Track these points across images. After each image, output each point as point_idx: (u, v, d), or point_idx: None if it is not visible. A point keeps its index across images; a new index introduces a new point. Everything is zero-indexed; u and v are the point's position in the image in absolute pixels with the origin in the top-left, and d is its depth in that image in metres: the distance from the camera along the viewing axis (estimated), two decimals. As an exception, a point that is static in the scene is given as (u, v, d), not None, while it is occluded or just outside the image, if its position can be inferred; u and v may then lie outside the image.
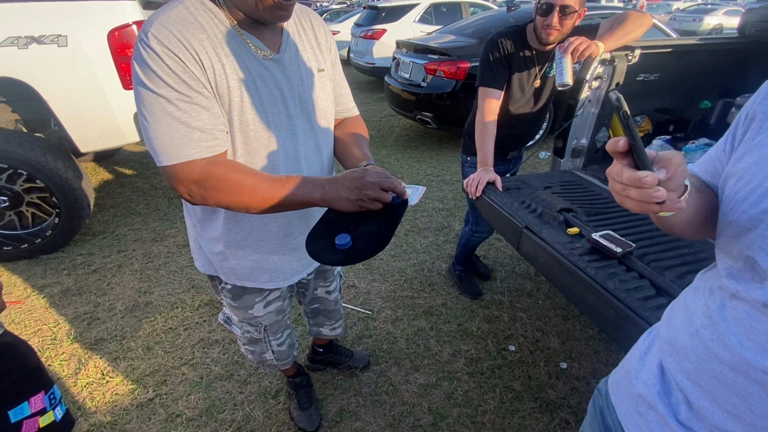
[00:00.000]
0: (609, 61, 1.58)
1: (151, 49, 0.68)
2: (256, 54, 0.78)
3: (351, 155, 0.98)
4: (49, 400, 0.93)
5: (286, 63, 0.82)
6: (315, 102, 0.89)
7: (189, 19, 0.71)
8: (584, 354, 1.82)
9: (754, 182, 0.45)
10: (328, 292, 1.33)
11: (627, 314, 0.89)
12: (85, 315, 2.01)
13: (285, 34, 0.83)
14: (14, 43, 1.95)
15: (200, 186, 0.74)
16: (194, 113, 0.71)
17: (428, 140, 4.70)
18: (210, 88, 0.73)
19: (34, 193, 2.31)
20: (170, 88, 0.69)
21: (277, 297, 1.14)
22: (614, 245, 1.06)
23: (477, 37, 4.10)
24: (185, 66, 0.69)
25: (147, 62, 0.68)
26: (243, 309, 1.11)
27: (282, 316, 1.19)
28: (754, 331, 0.43)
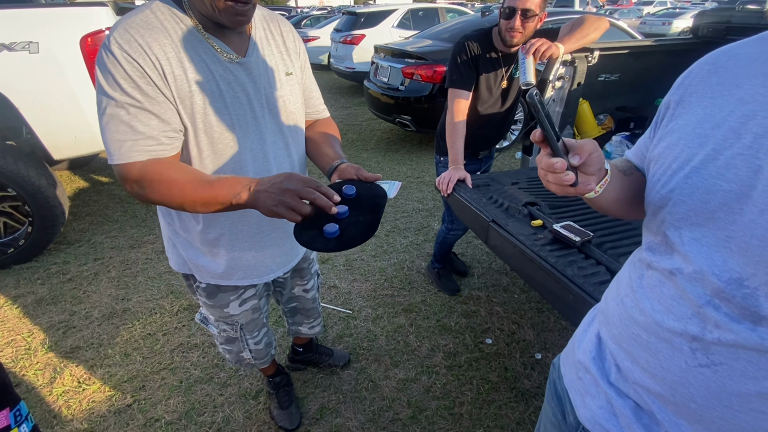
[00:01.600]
0: (570, 62, 1.66)
1: (112, 53, 0.71)
2: (220, 57, 0.80)
3: (323, 154, 1.00)
4: (14, 417, 0.92)
5: (252, 66, 0.84)
6: (283, 104, 0.91)
7: (154, 24, 0.73)
8: (558, 344, 1.89)
9: (665, 165, 0.50)
10: (305, 291, 1.35)
11: (584, 298, 0.95)
12: (60, 324, 1.97)
13: (252, 39, 0.85)
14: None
15: (139, 185, 0.76)
16: (143, 118, 0.74)
17: (408, 143, 4.77)
18: (170, 94, 0.75)
19: (5, 201, 2.26)
20: (123, 92, 0.72)
21: (252, 295, 1.15)
22: (574, 235, 1.13)
23: (453, 41, 4.17)
24: (143, 71, 0.72)
25: (106, 66, 0.71)
26: (218, 308, 1.12)
27: (258, 315, 1.20)
28: (663, 296, 0.48)
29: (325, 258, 2.52)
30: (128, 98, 0.72)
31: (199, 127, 0.80)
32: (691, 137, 0.47)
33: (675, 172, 0.48)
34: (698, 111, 0.48)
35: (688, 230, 0.46)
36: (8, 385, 0.94)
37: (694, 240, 0.45)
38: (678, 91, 0.53)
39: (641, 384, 0.51)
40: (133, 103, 0.73)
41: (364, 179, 0.90)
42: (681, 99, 0.52)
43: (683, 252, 0.46)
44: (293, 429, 1.46)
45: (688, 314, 0.46)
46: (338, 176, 0.93)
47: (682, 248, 0.47)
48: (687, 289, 0.46)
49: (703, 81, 0.50)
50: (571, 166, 0.50)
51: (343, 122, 5.62)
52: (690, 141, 0.47)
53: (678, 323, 0.46)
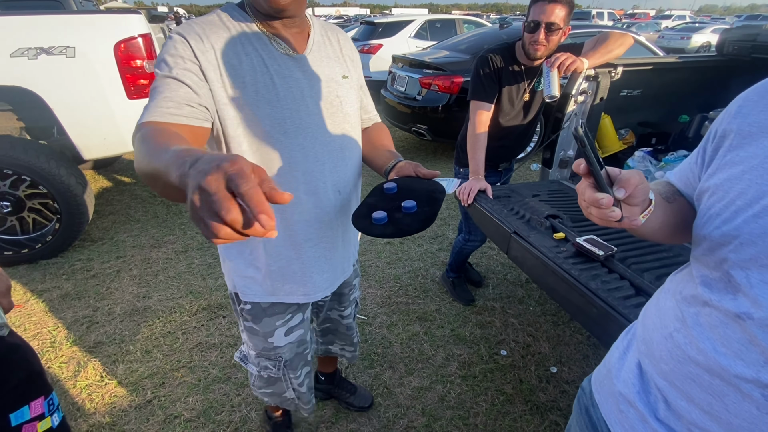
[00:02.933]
0: (593, 77, 1.67)
1: (170, 38, 0.75)
2: (277, 50, 0.81)
3: (379, 155, 1.02)
4: (47, 406, 0.94)
5: (309, 63, 0.85)
6: (339, 104, 0.90)
7: (216, 22, 0.78)
8: (574, 358, 1.87)
9: (726, 200, 0.47)
10: (341, 316, 1.27)
11: (608, 312, 0.95)
12: (84, 319, 2.03)
13: (312, 40, 0.87)
14: (24, 53, 2.02)
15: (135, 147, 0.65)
16: (175, 86, 0.73)
17: (423, 151, 4.80)
18: (218, 80, 0.76)
19: (36, 198, 2.35)
20: (169, 67, 0.73)
21: (299, 323, 1.08)
22: (597, 249, 1.13)
23: (470, 52, 4.24)
24: (192, 52, 0.73)
25: (163, 49, 0.75)
26: (262, 336, 1.04)
27: (303, 349, 1.12)
28: (728, 338, 0.46)
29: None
30: (170, 72, 0.73)
31: (250, 118, 0.80)
32: (760, 172, 0.45)
33: (740, 210, 0.45)
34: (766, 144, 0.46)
35: (757, 272, 0.43)
36: (43, 373, 0.97)
37: (765, 283, 0.42)
38: (735, 120, 0.50)
39: (700, 426, 0.49)
40: (172, 75, 0.73)
41: (422, 176, 0.93)
42: (740, 129, 0.49)
43: (752, 295, 0.43)
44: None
45: (760, 361, 0.43)
46: (396, 174, 0.95)
47: (750, 291, 0.44)
48: (758, 335, 0.43)
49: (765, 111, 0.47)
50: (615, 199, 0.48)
51: (359, 130, 5.68)
52: (759, 177, 0.44)
53: (748, 370, 0.44)
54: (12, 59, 1.99)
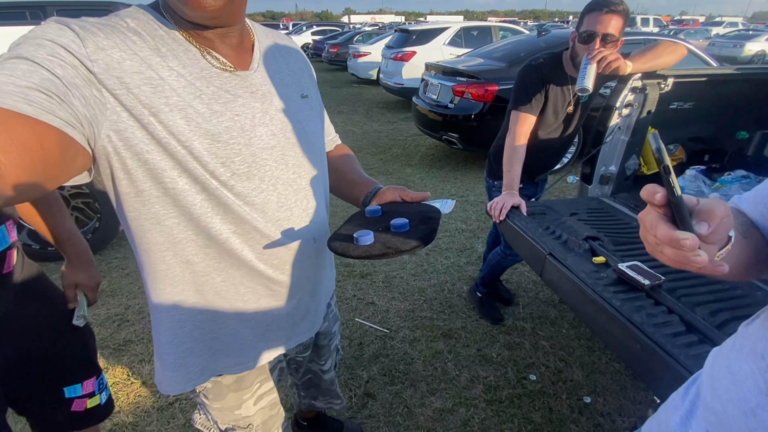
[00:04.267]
0: (641, 89, 1.56)
1: (54, 23, 0.50)
2: (213, 67, 0.61)
3: (352, 183, 0.88)
4: (98, 385, 1.05)
5: (258, 82, 0.66)
6: (302, 131, 0.72)
7: (121, 27, 0.55)
8: (610, 389, 1.74)
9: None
10: (321, 370, 1.10)
11: (653, 350, 0.86)
12: (116, 316, 2.10)
13: (256, 51, 0.68)
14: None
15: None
16: (25, 67, 0.45)
17: (453, 160, 4.72)
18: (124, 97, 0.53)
19: (79, 198, 2.47)
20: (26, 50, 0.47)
21: (270, 389, 0.89)
22: (642, 277, 1.03)
23: (506, 60, 4.14)
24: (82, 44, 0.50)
25: (27, 33, 0.49)
26: (228, 410, 0.84)
27: (276, 410, 0.94)
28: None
29: (364, 273, 2.51)
30: (26, 53, 0.46)
31: (180, 159, 0.57)
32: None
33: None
34: None
35: None
36: (96, 356, 1.07)
37: None
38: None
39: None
40: (27, 56, 0.46)
41: (410, 200, 0.82)
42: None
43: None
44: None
45: None
46: (378, 202, 0.82)
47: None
48: None
49: None
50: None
51: (389, 137, 5.68)
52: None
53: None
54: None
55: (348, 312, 2.18)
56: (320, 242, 0.78)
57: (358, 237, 0.64)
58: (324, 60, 13.90)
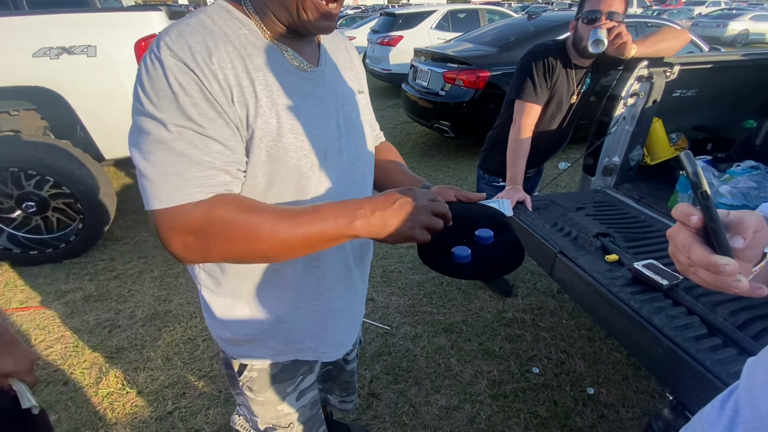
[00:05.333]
0: (647, 77, 1.52)
1: (160, 61, 0.54)
2: (292, 66, 0.65)
3: (398, 182, 0.88)
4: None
5: (328, 78, 0.70)
6: (360, 125, 0.77)
7: (212, 29, 0.59)
8: (612, 379, 1.75)
9: None
10: (345, 361, 1.08)
11: (678, 354, 0.84)
12: (106, 322, 2.02)
13: (323, 49, 0.73)
14: (47, 53, 1.99)
15: (200, 236, 0.56)
16: (202, 145, 0.56)
17: (444, 149, 4.66)
18: (235, 114, 0.58)
19: (59, 198, 2.34)
20: (177, 111, 0.54)
21: (311, 385, 0.90)
22: (659, 276, 1.01)
23: (496, 45, 4.06)
24: (201, 85, 0.55)
25: (152, 77, 0.54)
26: (270, 405, 0.86)
27: (316, 410, 0.95)
28: None
29: (362, 268, 2.46)
30: (182, 119, 0.54)
31: (272, 153, 0.62)
32: None
33: None
34: None
35: None
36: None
37: None
38: None
39: None
40: (187, 126, 0.55)
41: (467, 200, 0.80)
42: None
43: None
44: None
45: None
46: None
47: None
48: None
49: None
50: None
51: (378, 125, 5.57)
52: None
53: None
54: (34, 59, 1.96)
55: (347, 309, 2.14)
56: None
57: (456, 252, 0.63)
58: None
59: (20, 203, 2.26)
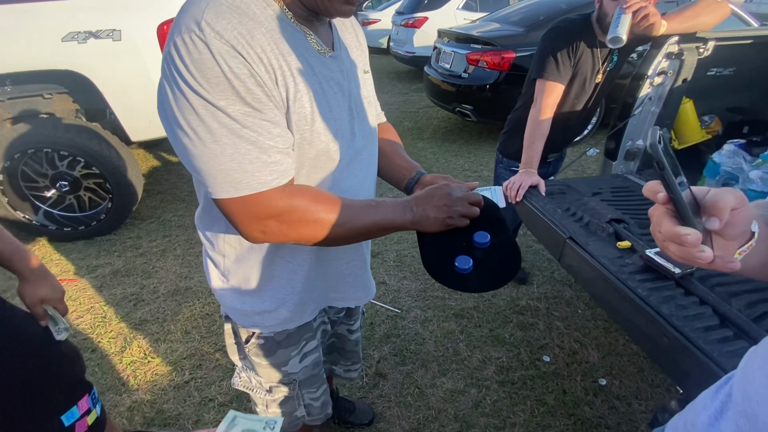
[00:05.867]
0: (676, 54, 1.42)
1: (206, 43, 0.51)
2: (315, 50, 0.65)
3: (395, 166, 0.90)
4: (92, 401, 0.99)
5: (343, 61, 0.72)
6: (368, 106, 0.79)
7: (243, 8, 0.56)
8: (626, 371, 1.70)
9: None
10: (349, 331, 1.12)
11: (683, 345, 0.80)
12: (131, 296, 2.13)
13: (334, 30, 0.73)
14: (75, 38, 2.07)
15: (282, 221, 0.62)
16: (264, 131, 0.57)
17: (467, 134, 4.56)
18: (278, 96, 0.59)
19: (90, 179, 2.47)
20: (235, 98, 0.54)
21: (314, 348, 0.95)
22: (672, 264, 0.96)
23: (524, 25, 3.88)
24: (251, 68, 0.54)
25: (200, 62, 0.52)
26: (274, 367, 0.90)
27: (318, 370, 1.00)
28: None
29: (375, 252, 2.48)
30: (240, 105, 0.55)
31: (306, 137, 0.65)
32: None
33: None
34: None
35: None
36: (84, 373, 1.01)
37: None
38: None
39: None
40: (248, 113, 0.55)
41: None
42: None
43: None
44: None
45: None
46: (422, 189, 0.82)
47: None
48: None
49: None
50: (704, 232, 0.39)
51: (399, 109, 5.51)
52: None
53: None
54: (63, 43, 2.04)
55: (359, 292, 2.17)
56: None
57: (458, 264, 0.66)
58: (333, 29, 13.39)
59: (54, 182, 2.39)
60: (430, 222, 0.69)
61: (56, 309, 0.92)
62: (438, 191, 0.71)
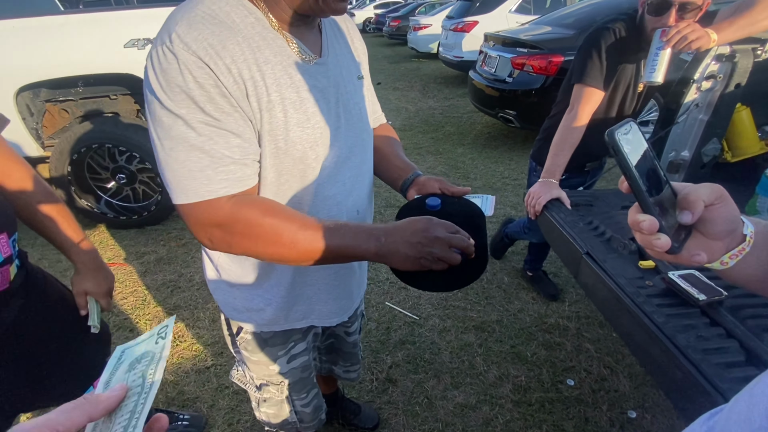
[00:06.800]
0: (728, 56, 1.27)
1: (174, 55, 0.54)
2: (298, 58, 0.65)
3: (392, 166, 0.89)
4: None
5: (331, 68, 0.70)
6: (359, 113, 0.77)
7: (221, 17, 0.57)
8: (660, 406, 1.54)
9: None
10: (346, 333, 1.12)
11: (698, 381, 0.71)
12: (170, 283, 2.30)
13: (324, 36, 0.72)
14: (135, 44, 2.28)
15: (226, 231, 0.61)
16: (221, 140, 0.58)
17: (510, 140, 4.40)
18: (248, 107, 0.60)
19: (145, 173, 2.70)
20: (195, 107, 0.56)
21: (303, 351, 0.95)
22: (697, 290, 0.86)
23: (576, 27, 3.68)
24: (217, 79, 0.56)
25: (167, 72, 0.54)
26: (263, 365, 0.92)
27: (308, 374, 1.00)
28: None
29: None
30: (200, 114, 0.56)
31: (280, 146, 0.65)
32: None
33: None
34: None
35: None
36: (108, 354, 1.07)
37: None
38: None
39: None
40: (207, 121, 0.57)
41: (450, 194, 0.79)
42: None
43: None
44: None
45: None
46: (417, 191, 0.82)
47: None
48: None
49: None
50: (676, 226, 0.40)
51: (443, 113, 5.45)
52: None
53: None
54: (125, 49, 2.26)
55: (379, 295, 2.16)
56: (362, 214, 0.84)
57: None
58: (385, 34, 13.60)
59: (114, 175, 2.65)
60: (399, 258, 0.61)
61: (99, 302, 0.96)
62: (414, 225, 0.62)
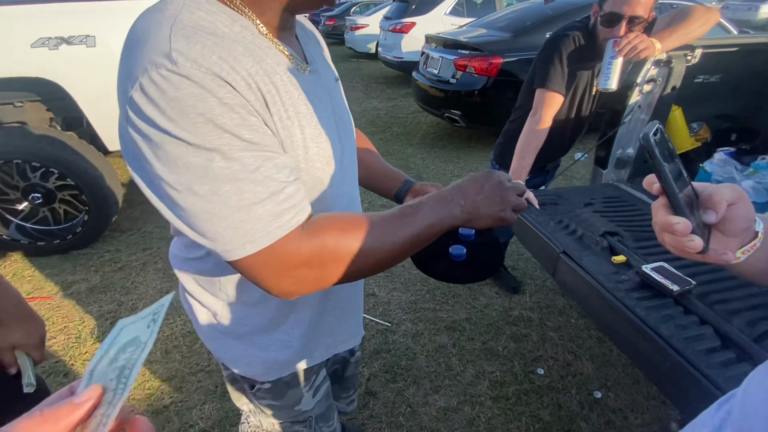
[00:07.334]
0: (665, 62, 1.40)
1: (185, 77, 0.42)
2: (294, 67, 0.57)
3: (380, 175, 0.86)
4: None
5: (321, 75, 0.64)
6: (349, 119, 0.73)
7: (210, 27, 0.47)
8: (621, 383, 1.67)
9: None
10: (351, 352, 1.05)
11: (686, 369, 0.76)
12: (108, 314, 2.03)
13: (302, 42, 0.65)
14: (45, 43, 1.97)
15: (314, 266, 0.52)
16: (270, 164, 0.48)
17: (456, 139, 4.54)
18: (271, 121, 0.51)
19: (65, 190, 2.36)
20: (228, 135, 0.45)
21: (324, 378, 0.88)
22: (669, 281, 0.93)
23: (510, 30, 3.90)
24: (241, 97, 0.46)
25: (180, 100, 0.42)
26: (288, 408, 0.84)
27: (330, 399, 0.94)
28: None
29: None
30: (238, 141, 0.45)
31: (302, 167, 0.57)
32: None
33: None
34: None
35: None
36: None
37: None
38: None
39: None
40: (248, 147, 0.46)
41: None
42: None
43: None
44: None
45: None
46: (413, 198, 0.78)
47: None
48: None
49: None
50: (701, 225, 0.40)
51: (389, 114, 5.48)
52: None
53: None
54: (33, 49, 1.95)
55: (348, 305, 2.10)
56: None
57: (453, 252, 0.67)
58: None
59: (27, 195, 2.28)
60: (481, 217, 0.58)
61: (30, 357, 0.79)
62: (487, 181, 0.59)
